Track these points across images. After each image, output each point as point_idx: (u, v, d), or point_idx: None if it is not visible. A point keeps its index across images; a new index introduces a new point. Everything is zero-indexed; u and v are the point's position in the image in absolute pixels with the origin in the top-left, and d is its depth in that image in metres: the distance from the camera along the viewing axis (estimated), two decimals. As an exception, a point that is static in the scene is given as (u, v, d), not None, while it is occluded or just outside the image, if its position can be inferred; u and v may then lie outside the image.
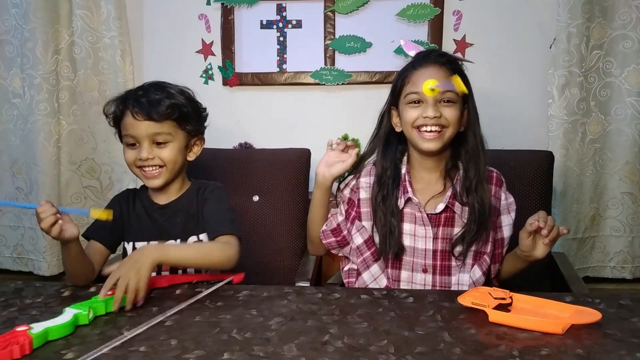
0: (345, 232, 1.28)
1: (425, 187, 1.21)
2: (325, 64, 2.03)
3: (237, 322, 0.87)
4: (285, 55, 2.05)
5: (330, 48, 2.02)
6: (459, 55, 1.95)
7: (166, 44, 2.10)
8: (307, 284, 1.41)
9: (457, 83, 1.13)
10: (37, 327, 0.80)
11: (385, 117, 1.25)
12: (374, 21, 1.99)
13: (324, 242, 1.31)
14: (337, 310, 0.92)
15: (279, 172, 1.70)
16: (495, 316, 0.86)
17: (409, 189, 1.19)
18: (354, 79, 2.02)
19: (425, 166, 1.22)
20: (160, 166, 1.16)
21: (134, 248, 1.19)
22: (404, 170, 1.22)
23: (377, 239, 1.20)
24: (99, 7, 2.02)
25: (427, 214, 1.18)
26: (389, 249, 1.18)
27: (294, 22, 2.04)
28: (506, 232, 1.23)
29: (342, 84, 2.03)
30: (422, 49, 1.25)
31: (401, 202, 1.19)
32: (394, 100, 1.23)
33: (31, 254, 2.12)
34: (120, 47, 2.02)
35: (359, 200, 1.25)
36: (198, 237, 1.19)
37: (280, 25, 2.04)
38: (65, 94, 2.07)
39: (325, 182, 1.26)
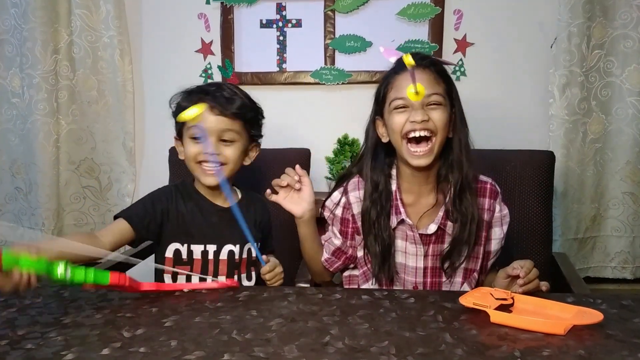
0: (349, 252, 1.24)
1: (417, 201, 1.18)
2: (325, 63, 2.03)
3: (237, 322, 0.86)
4: (285, 55, 2.05)
5: (330, 47, 2.02)
6: (450, 55, 1.95)
7: (165, 43, 2.09)
8: (307, 285, 1.41)
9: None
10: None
11: (370, 129, 1.20)
12: (374, 20, 1.99)
13: (331, 269, 1.27)
14: (337, 311, 0.92)
15: (279, 172, 1.69)
16: (496, 317, 0.86)
17: (402, 209, 1.16)
18: (354, 78, 2.02)
19: (416, 179, 1.18)
20: (222, 164, 1.14)
21: (189, 251, 1.15)
22: (394, 187, 1.18)
23: (368, 260, 1.19)
24: (98, 7, 2.02)
25: (419, 234, 1.16)
26: (383, 276, 1.16)
27: (293, 22, 2.03)
28: (495, 245, 1.21)
29: (342, 83, 2.02)
30: (401, 54, 1.20)
31: (394, 223, 1.16)
32: (378, 109, 1.18)
33: (31, 254, 2.11)
34: (119, 47, 2.01)
35: (353, 216, 1.22)
36: (258, 244, 1.19)
37: (280, 24, 2.04)
38: (64, 94, 2.07)
39: (304, 217, 1.20)
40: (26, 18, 1.98)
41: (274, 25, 2.04)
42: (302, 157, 1.71)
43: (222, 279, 1.13)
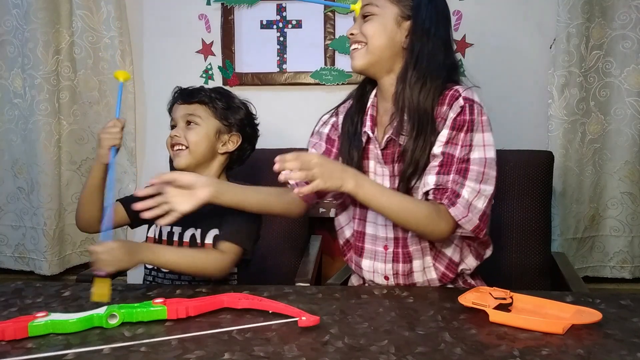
0: None
1: (382, 120, 1.14)
2: (325, 64, 2.03)
3: (238, 322, 0.87)
4: (285, 55, 2.05)
5: (330, 48, 2.02)
6: None
7: (166, 44, 2.10)
8: (307, 284, 1.41)
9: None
10: (50, 318, 0.82)
11: None
12: (374, 21, 1.99)
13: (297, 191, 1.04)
14: (337, 310, 0.92)
15: (278, 172, 1.70)
16: (495, 316, 0.87)
17: (368, 123, 1.13)
18: (354, 79, 2.02)
19: (381, 93, 1.15)
20: (186, 147, 1.21)
21: (160, 232, 1.25)
22: (370, 102, 1.16)
23: None
24: (99, 8, 2.03)
25: (382, 150, 1.12)
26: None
27: (294, 22, 2.04)
28: (436, 147, 1.06)
29: (342, 84, 2.03)
30: None
31: (364, 136, 1.14)
32: None
33: (32, 254, 2.12)
34: (120, 47, 2.02)
35: (339, 136, 1.19)
36: (219, 231, 1.21)
37: (280, 25, 2.04)
38: (65, 94, 2.07)
39: (211, 198, 1.03)
40: (28, 19, 1.99)
41: (274, 26, 2.05)
42: (302, 158, 1.71)
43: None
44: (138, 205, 1.00)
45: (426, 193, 1.06)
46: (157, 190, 1.00)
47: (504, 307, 0.90)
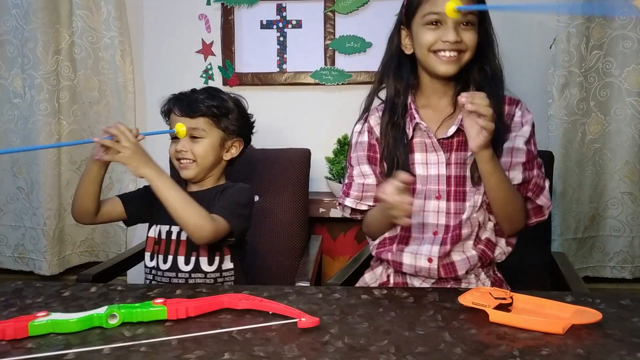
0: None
1: (435, 114, 1.16)
2: (325, 64, 2.03)
3: (238, 322, 0.87)
4: (285, 55, 2.05)
5: (330, 48, 2.02)
6: None
7: (166, 44, 2.10)
8: (307, 284, 1.41)
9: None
10: (50, 317, 0.82)
11: (395, 38, 1.17)
12: (374, 21, 1.99)
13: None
14: (337, 310, 0.92)
15: (279, 172, 1.70)
16: (495, 316, 0.86)
17: (416, 115, 1.15)
18: (354, 79, 2.02)
19: (435, 91, 1.16)
20: (193, 160, 1.23)
21: (159, 232, 1.24)
22: (409, 100, 1.17)
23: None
24: (99, 8, 2.03)
25: (439, 139, 1.14)
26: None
27: (294, 22, 2.04)
28: (519, 141, 1.13)
29: (342, 84, 2.03)
30: None
31: (410, 131, 1.15)
32: (406, 20, 1.14)
33: (32, 254, 2.12)
34: (120, 47, 2.02)
35: (377, 139, 1.20)
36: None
37: (280, 25, 2.04)
38: (65, 94, 2.07)
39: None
40: (27, 19, 1.99)
41: (274, 26, 2.05)
42: (302, 157, 1.72)
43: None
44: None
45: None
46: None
47: (504, 307, 0.90)
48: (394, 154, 1.15)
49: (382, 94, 1.23)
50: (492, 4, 1.19)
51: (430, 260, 1.14)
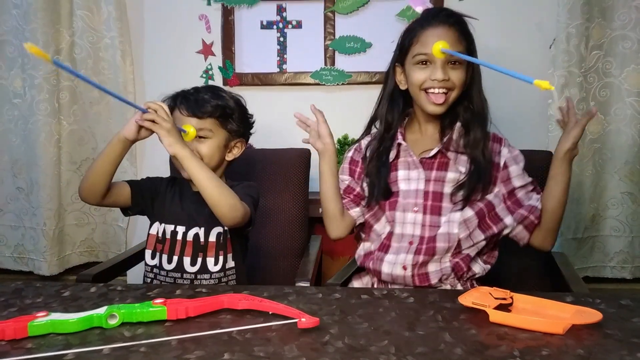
0: (358, 189, 1.30)
1: (422, 138, 1.25)
2: (325, 64, 2.03)
3: (238, 322, 0.87)
4: (285, 56, 2.06)
5: (330, 48, 2.03)
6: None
7: (166, 44, 2.10)
8: (307, 284, 1.41)
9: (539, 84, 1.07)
10: (50, 317, 0.82)
11: (390, 74, 1.26)
12: (374, 21, 2.00)
13: (344, 208, 1.29)
14: (337, 310, 0.92)
15: (279, 172, 1.70)
16: (495, 316, 0.86)
17: (400, 137, 1.24)
18: (354, 79, 2.02)
19: (426, 120, 1.25)
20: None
21: (164, 231, 1.23)
22: (398, 130, 1.26)
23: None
24: (99, 8, 2.03)
25: (422, 159, 1.22)
26: (376, 193, 1.22)
27: (294, 23, 2.04)
28: (517, 181, 1.23)
29: (342, 84, 2.03)
30: (429, 5, 1.21)
31: (393, 154, 1.24)
32: (400, 58, 1.23)
33: (31, 254, 2.12)
34: (120, 48, 2.02)
35: (363, 158, 1.29)
36: (223, 229, 1.23)
37: (281, 25, 2.04)
38: (65, 94, 2.07)
39: (325, 152, 1.26)
40: (28, 19, 1.99)
41: (275, 27, 2.05)
42: (302, 157, 1.72)
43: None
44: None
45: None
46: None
47: (504, 307, 0.90)
48: (374, 175, 1.24)
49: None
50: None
51: (405, 267, 1.19)
